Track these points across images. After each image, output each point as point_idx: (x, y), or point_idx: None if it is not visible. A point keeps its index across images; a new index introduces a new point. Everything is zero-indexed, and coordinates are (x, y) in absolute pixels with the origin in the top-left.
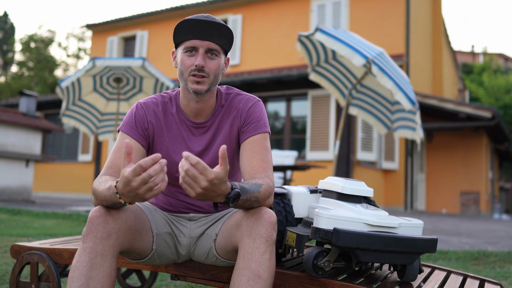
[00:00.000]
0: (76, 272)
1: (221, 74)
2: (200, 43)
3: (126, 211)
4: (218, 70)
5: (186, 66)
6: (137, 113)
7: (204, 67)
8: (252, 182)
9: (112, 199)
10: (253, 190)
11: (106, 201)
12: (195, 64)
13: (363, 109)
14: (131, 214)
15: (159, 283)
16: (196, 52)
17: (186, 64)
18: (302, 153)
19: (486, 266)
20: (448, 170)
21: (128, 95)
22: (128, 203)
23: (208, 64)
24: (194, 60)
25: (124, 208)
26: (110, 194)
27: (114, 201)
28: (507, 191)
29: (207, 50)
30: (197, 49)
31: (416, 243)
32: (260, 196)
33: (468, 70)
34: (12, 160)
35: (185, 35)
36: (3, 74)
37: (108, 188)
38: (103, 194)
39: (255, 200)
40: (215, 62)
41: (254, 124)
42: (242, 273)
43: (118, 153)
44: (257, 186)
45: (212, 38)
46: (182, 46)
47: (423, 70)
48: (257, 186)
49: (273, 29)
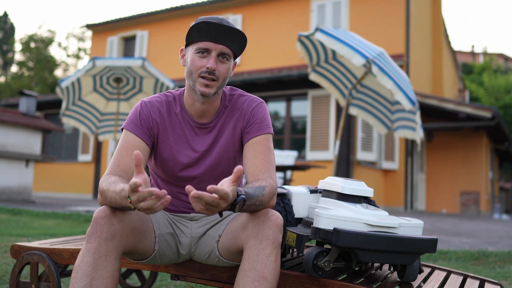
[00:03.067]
0: (79, 272)
1: (229, 77)
2: (214, 46)
3: (131, 212)
4: (227, 74)
5: (197, 67)
6: (142, 111)
7: (215, 71)
8: (255, 185)
9: (122, 203)
10: (258, 194)
11: (115, 203)
12: (206, 66)
13: (363, 109)
14: (135, 216)
15: (159, 283)
16: (208, 54)
17: (197, 65)
18: (302, 153)
19: (486, 266)
20: (448, 170)
21: (128, 95)
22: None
23: (219, 68)
24: (205, 62)
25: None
26: (121, 197)
27: (124, 205)
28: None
29: (219, 53)
30: (209, 52)
31: (416, 243)
32: (264, 200)
33: (468, 70)
34: (12, 160)
35: (200, 36)
36: (3, 74)
37: (120, 191)
38: (113, 196)
39: (259, 204)
40: (226, 66)
41: (257, 125)
42: (247, 274)
43: (124, 152)
44: (261, 189)
45: (226, 42)
46: (195, 46)
47: (423, 70)
48: (261, 189)
49: (273, 29)
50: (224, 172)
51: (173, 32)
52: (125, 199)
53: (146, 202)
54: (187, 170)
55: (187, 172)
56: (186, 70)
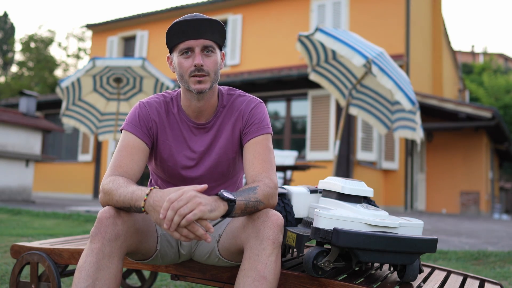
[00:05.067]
0: (82, 272)
1: (220, 69)
2: (195, 42)
3: (135, 213)
4: (217, 66)
5: (185, 68)
6: (140, 112)
7: (203, 66)
8: (246, 187)
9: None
10: (247, 193)
11: (123, 203)
12: (194, 64)
13: (363, 109)
14: (139, 217)
15: (159, 283)
16: (192, 52)
17: (185, 66)
18: (302, 153)
19: (486, 266)
20: (448, 170)
21: (128, 95)
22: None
23: (206, 62)
24: (191, 61)
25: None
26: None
27: (136, 206)
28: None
29: (202, 48)
30: (192, 49)
31: (416, 243)
32: (259, 197)
33: (468, 70)
34: (12, 160)
35: (178, 38)
36: (3, 74)
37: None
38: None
39: (255, 201)
40: (212, 59)
41: (256, 126)
42: (248, 274)
43: (124, 152)
44: (251, 189)
45: (205, 35)
46: (177, 49)
47: (423, 70)
48: (251, 190)
49: (273, 29)
50: (224, 172)
51: None
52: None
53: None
54: (187, 171)
55: (187, 172)
56: (177, 75)
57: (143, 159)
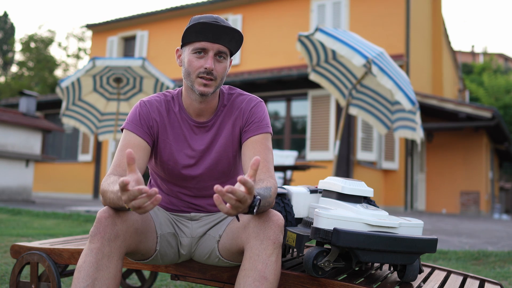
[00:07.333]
0: (82, 272)
1: (225, 76)
2: (211, 45)
3: (134, 213)
4: (225, 72)
5: (195, 68)
6: (141, 111)
7: (213, 71)
8: (263, 186)
9: (119, 203)
10: (267, 195)
11: (113, 204)
12: (204, 66)
13: (363, 109)
14: (138, 216)
15: (159, 283)
16: (205, 54)
17: (195, 66)
18: (302, 153)
19: (486, 266)
20: (448, 170)
21: (128, 95)
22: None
23: (216, 67)
24: (203, 62)
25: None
26: (117, 197)
27: (120, 205)
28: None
29: (216, 52)
30: (207, 51)
31: (416, 243)
32: (271, 201)
33: (468, 70)
34: (12, 160)
35: (197, 36)
36: (3, 74)
37: (117, 191)
38: (111, 197)
39: (268, 205)
40: (223, 65)
41: (256, 124)
42: (248, 274)
43: (125, 152)
44: (268, 190)
45: (223, 41)
46: (191, 46)
47: (423, 70)
48: (268, 190)
49: (273, 29)
50: (224, 171)
51: (173, 32)
52: (121, 199)
53: (136, 201)
54: (187, 169)
55: (187, 171)
56: (184, 71)
57: (144, 158)
